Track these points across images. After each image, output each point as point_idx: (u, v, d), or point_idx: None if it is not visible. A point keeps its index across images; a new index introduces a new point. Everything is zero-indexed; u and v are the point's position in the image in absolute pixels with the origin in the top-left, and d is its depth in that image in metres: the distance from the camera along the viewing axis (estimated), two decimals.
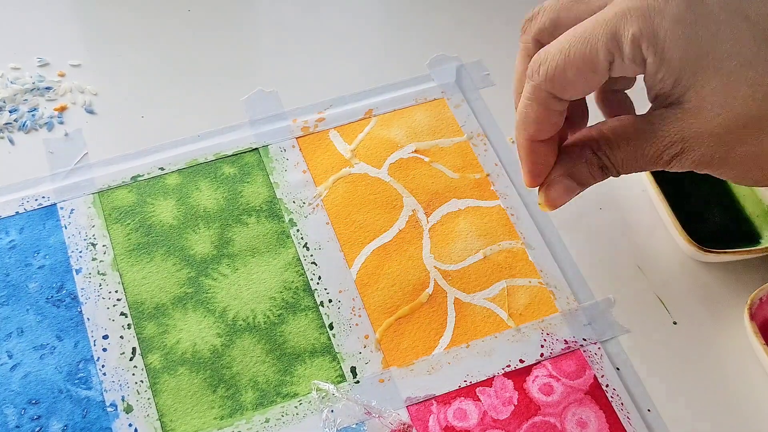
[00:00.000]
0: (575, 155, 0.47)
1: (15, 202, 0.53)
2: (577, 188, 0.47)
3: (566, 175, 0.47)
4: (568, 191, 0.47)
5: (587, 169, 0.46)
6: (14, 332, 0.48)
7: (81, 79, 0.59)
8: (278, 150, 0.56)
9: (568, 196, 0.47)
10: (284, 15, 0.63)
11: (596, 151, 0.46)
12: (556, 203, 0.47)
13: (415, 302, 0.50)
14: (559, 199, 0.47)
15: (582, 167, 0.46)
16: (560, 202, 0.47)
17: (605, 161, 0.46)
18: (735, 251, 0.51)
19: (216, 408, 0.47)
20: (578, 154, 0.46)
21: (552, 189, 0.47)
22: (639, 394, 0.48)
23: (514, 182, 0.55)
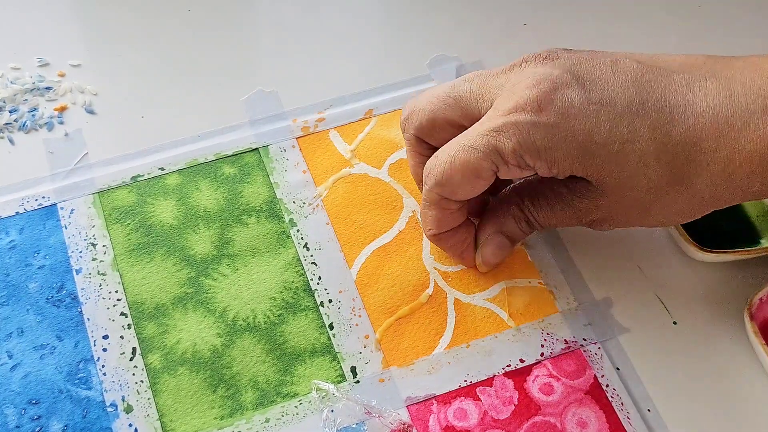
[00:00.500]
0: (502, 212, 0.50)
1: (15, 202, 0.53)
2: (508, 244, 0.50)
3: (497, 232, 0.50)
4: (501, 248, 0.50)
5: (515, 224, 0.50)
6: (14, 332, 0.49)
7: (81, 79, 0.59)
8: (278, 150, 0.56)
9: (502, 252, 0.50)
10: (284, 15, 0.63)
11: (521, 207, 0.49)
12: (491, 262, 0.51)
13: (415, 302, 0.50)
14: (493, 257, 0.51)
15: (510, 223, 0.50)
16: (495, 261, 0.51)
17: (529, 216, 0.49)
18: (735, 251, 0.51)
19: (216, 408, 0.47)
20: (505, 211, 0.50)
21: (486, 248, 0.50)
22: (639, 394, 0.48)
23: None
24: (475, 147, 0.45)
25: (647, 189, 0.45)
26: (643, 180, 0.45)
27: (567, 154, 0.44)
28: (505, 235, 0.50)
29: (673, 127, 0.44)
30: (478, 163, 0.45)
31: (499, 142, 0.44)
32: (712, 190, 0.45)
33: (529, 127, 0.44)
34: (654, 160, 0.44)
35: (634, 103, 0.44)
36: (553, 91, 0.44)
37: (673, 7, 0.65)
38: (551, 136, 0.44)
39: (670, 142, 0.44)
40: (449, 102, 0.48)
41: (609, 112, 0.44)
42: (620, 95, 0.44)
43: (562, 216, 0.48)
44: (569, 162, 0.44)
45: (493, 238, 0.50)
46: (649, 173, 0.44)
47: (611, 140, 0.44)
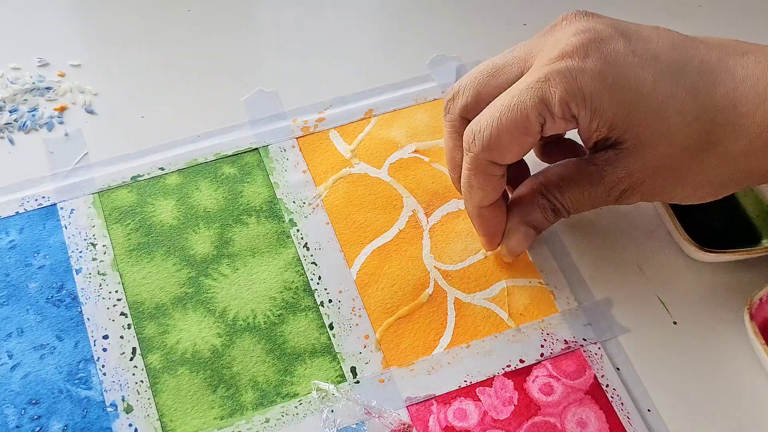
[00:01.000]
0: (527, 202, 0.49)
1: (15, 202, 0.53)
2: (533, 234, 0.50)
3: (522, 222, 0.50)
4: (526, 237, 0.50)
5: (541, 214, 0.49)
6: (14, 332, 0.49)
7: (81, 79, 0.59)
8: (278, 150, 0.56)
9: (527, 242, 0.50)
10: (284, 15, 0.63)
11: (546, 195, 0.49)
12: (516, 251, 0.51)
13: (415, 302, 0.50)
14: (518, 246, 0.51)
15: (536, 212, 0.49)
16: (520, 250, 0.51)
17: (556, 204, 0.49)
18: (735, 251, 0.51)
19: (216, 408, 0.47)
20: (530, 200, 0.49)
21: (512, 238, 0.50)
22: (639, 394, 0.48)
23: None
24: (521, 102, 0.44)
25: (683, 148, 0.44)
26: (681, 138, 0.44)
27: (611, 102, 0.44)
28: (530, 225, 0.49)
29: (715, 88, 0.44)
30: (525, 119, 0.44)
31: (546, 92, 0.44)
32: (746, 158, 0.44)
33: (576, 73, 0.43)
34: (693, 118, 0.44)
35: (678, 61, 0.44)
36: (598, 41, 0.44)
37: (673, 7, 0.65)
38: (597, 82, 0.43)
39: (711, 102, 0.44)
40: (493, 73, 0.47)
41: (654, 66, 0.44)
42: (664, 52, 0.44)
43: (591, 195, 0.47)
44: (612, 111, 0.44)
45: (519, 228, 0.49)
46: (687, 132, 0.44)
47: (655, 93, 0.44)
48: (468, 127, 0.46)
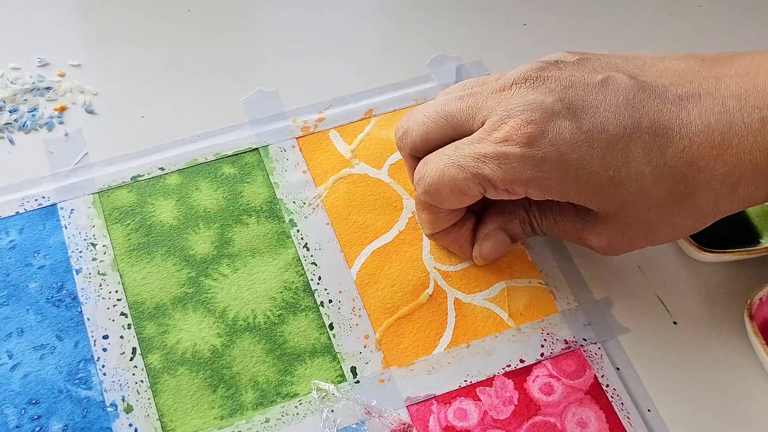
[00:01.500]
0: (509, 212, 0.50)
1: (15, 202, 0.53)
2: (508, 242, 0.51)
3: (500, 229, 0.50)
4: (502, 244, 0.51)
5: (519, 226, 0.50)
6: (14, 332, 0.49)
7: (81, 79, 0.59)
8: (278, 150, 0.56)
9: (501, 249, 0.51)
10: (284, 15, 0.63)
11: (528, 211, 0.50)
12: (490, 257, 0.51)
13: (415, 302, 0.50)
14: (492, 252, 0.51)
15: (515, 223, 0.50)
16: (493, 256, 0.51)
17: (534, 223, 0.50)
18: (735, 251, 0.51)
19: (216, 408, 0.47)
20: (511, 211, 0.50)
21: (486, 243, 0.51)
22: (639, 394, 0.48)
23: None
24: (463, 167, 0.45)
25: (648, 210, 0.45)
26: (643, 202, 0.44)
27: (561, 183, 0.44)
28: (507, 233, 0.50)
29: (669, 149, 0.43)
30: (465, 183, 0.45)
31: (487, 170, 0.45)
32: (714, 204, 0.44)
33: (517, 160, 0.44)
34: (651, 182, 0.44)
35: (627, 128, 0.44)
36: (543, 122, 0.44)
37: (673, 7, 0.65)
38: (541, 167, 0.44)
39: (666, 164, 0.43)
40: (440, 122, 0.48)
41: (601, 140, 0.44)
42: (612, 120, 0.44)
43: (564, 231, 0.48)
44: (564, 190, 0.45)
45: (495, 234, 0.50)
46: (648, 195, 0.44)
47: (605, 167, 0.44)
48: (417, 166, 0.48)
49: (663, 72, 0.46)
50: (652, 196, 0.44)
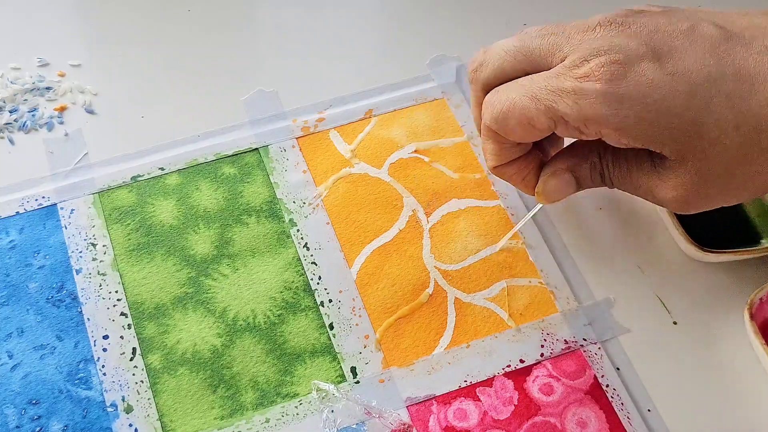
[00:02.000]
0: (581, 155, 0.48)
1: (15, 202, 0.53)
2: (575, 186, 0.49)
3: (568, 170, 0.49)
4: (567, 186, 0.49)
5: (589, 172, 0.48)
6: (14, 332, 0.49)
7: (81, 79, 0.59)
8: (278, 150, 0.56)
9: (565, 191, 0.49)
10: (284, 15, 0.63)
11: (601, 157, 0.48)
12: (552, 196, 0.49)
13: (415, 302, 0.50)
14: (555, 192, 0.49)
15: (585, 168, 0.48)
16: (556, 196, 0.49)
17: (604, 170, 0.48)
18: (735, 251, 0.51)
19: (216, 408, 0.47)
20: (584, 155, 0.48)
21: (551, 182, 0.49)
22: (639, 394, 0.48)
23: None
24: (537, 98, 0.44)
25: (728, 159, 0.44)
26: (723, 150, 0.43)
27: (638, 123, 0.43)
28: (575, 175, 0.49)
29: (753, 96, 0.43)
30: (536, 115, 0.44)
31: (562, 105, 0.43)
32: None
33: (596, 96, 0.43)
34: (733, 128, 0.43)
35: (711, 73, 0.43)
36: (627, 62, 0.43)
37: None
38: (620, 105, 0.43)
39: (750, 111, 0.43)
40: (519, 57, 0.46)
41: (685, 83, 0.43)
42: (697, 66, 0.43)
43: (637, 183, 0.47)
44: (641, 132, 0.43)
45: (563, 174, 0.49)
46: (728, 143, 0.43)
47: (687, 110, 0.43)
48: (488, 96, 0.47)
49: (749, 25, 0.45)
50: (732, 144, 0.43)
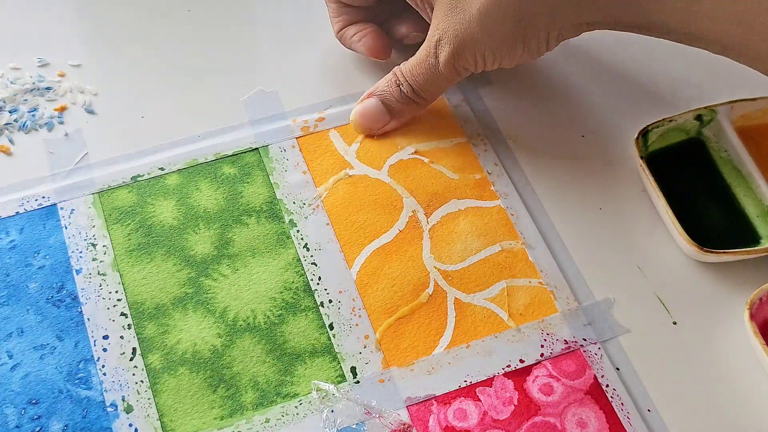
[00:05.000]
0: (383, 79, 0.55)
1: (15, 202, 0.53)
2: (381, 107, 0.54)
3: (371, 94, 0.55)
4: (374, 109, 0.55)
5: (386, 84, 0.54)
6: (14, 332, 0.49)
7: (81, 79, 0.59)
8: (278, 150, 0.56)
9: (375, 114, 0.55)
10: (284, 15, 0.63)
11: (395, 71, 0.54)
12: (364, 122, 0.55)
13: (415, 302, 0.50)
14: (365, 116, 0.55)
15: (383, 84, 0.54)
16: (368, 122, 0.55)
17: (398, 75, 0.54)
18: (735, 251, 0.51)
19: (216, 408, 0.47)
20: (385, 78, 0.55)
21: (358, 105, 0.55)
22: (639, 394, 0.48)
23: (514, 182, 0.55)
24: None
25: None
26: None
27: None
28: (378, 97, 0.54)
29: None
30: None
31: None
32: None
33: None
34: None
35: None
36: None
37: None
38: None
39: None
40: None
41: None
42: None
43: (418, 59, 0.52)
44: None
45: (367, 98, 0.55)
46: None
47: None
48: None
49: None
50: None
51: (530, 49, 0.50)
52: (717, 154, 0.56)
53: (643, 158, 0.53)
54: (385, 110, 0.55)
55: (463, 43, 0.50)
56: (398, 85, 0.54)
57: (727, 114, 0.55)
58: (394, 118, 0.55)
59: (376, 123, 0.55)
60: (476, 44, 0.50)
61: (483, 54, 0.51)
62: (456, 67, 0.52)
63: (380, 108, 0.55)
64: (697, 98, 0.58)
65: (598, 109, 0.59)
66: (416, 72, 0.53)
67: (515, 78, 0.60)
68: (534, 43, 0.50)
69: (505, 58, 0.51)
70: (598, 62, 0.61)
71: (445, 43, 0.51)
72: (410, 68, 0.53)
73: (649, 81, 0.60)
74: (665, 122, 0.55)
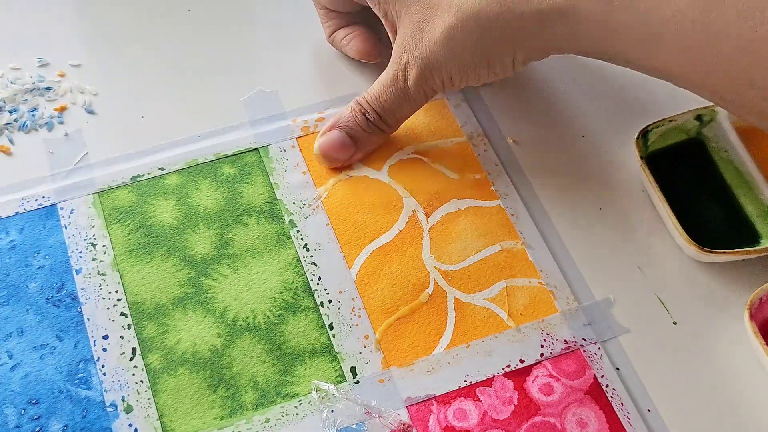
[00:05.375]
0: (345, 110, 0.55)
1: (15, 202, 0.53)
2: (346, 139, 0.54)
3: (335, 126, 0.54)
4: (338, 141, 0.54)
5: (350, 114, 0.54)
6: (14, 332, 0.49)
7: (81, 79, 0.59)
8: (278, 150, 0.56)
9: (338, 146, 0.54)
10: (284, 15, 0.63)
11: (358, 100, 0.54)
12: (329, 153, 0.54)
13: (415, 302, 0.50)
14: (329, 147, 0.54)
15: (346, 113, 0.54)
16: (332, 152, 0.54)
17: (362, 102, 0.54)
18: (735, 251, 0.51)
19: (216, 408, 0.47)
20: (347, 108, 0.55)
21: (321, 138, 0.55)
22: (639, 394, 0.48)
23: (514, 182, 0.55)
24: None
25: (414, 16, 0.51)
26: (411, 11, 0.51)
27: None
28: (341, 128, 0.54)
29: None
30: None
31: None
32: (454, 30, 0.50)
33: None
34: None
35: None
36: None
37: None
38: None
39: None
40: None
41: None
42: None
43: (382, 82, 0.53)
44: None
45: (330, 131, 0.54)
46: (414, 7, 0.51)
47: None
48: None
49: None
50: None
51: (495, 71, 0.51)
52: (717, 154, 0.56)
53: (643, 158, 0.53)
54: (350, 141, 0.54)
55: (429, 65, 0.51)
56: (363, 113, 0.54)
57: (727, 114, 0.55)
58: (359, 149, 0.55)
59: (341, 154, 0.54)
60: (442, 67, 0.51)
61: (450, 75, 0.51)
62: (425, 89, 0.52)
63: (345, 139, 0.54)
64: (697, 98, 0.58)
65: (598, 109, 0.59)
66: (383, 98, 0.53)
67: (515, 78, 0.60)
68: (499, 65, 0.51)
69: (471, 79, 0.52)
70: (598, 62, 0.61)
71: (413, 65, 0.51)
72: (376, 95, 0.53)
73: (649, 81, 0.60)
74: (665, 122, 0.55)
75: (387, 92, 0.53)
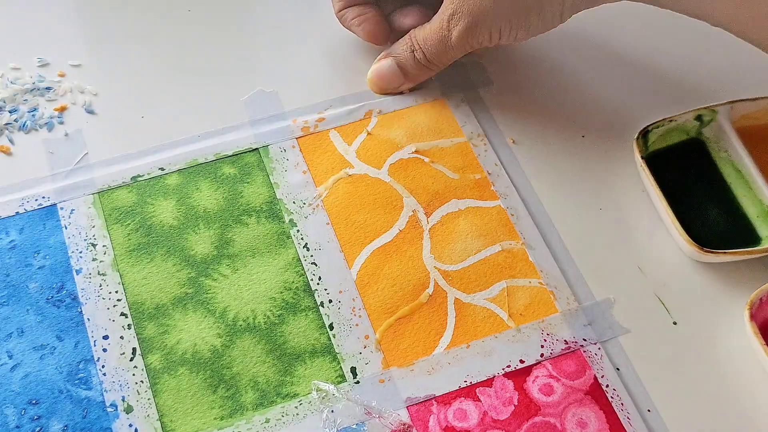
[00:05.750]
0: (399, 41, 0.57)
1: (15, 202, 0.53)
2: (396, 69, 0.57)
3: (387, 54, 0.57)
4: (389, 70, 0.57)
5: (401, 47, 0.56)
6: (14, 332, 0.49)
7: (81, 79, 0.59)
8: (278, 150, 0.56)
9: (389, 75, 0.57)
10: (284, 15, 0.63)
11: (410, 35, 0.56)
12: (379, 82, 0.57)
13: (415, 302, 0.50)
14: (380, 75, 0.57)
15: (399, 48, 0.56)
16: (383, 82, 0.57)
17: (413, 41, 0.55)
18: (735, 251, 0.51)
19: (216, 408, 0.47)
20: (401, 40, 0.57)
21: (375, 65, 0.57)
22: (639, 394, 0.48)
23: (514, 182, 0.55)
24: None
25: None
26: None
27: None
28: (393, 57, 0.56)
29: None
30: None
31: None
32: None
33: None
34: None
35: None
36: None
37: None
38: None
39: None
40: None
41: None
42: None
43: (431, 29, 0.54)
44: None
45: (383, 59, 0.57)
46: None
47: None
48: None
49: None
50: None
51: (545, 19, 0.51)
52: (717, 154, 0.56)
53: (643, 158, 0.53)
54: (399, 72, 0.57)
55: (477, 18, 0.51)
56: (412, 51, 0.56)
57: (727, 114, 0.55)
58: (408, 80, 0.57)
59: (390, 84, 0.57)
60: (491, 18, 0.51)
61: (498, 27, 0.52)
62: (470, 42, 0.53)
63: (395, 70, 0.57)
64: (697, 98, 0.58)
65: (598, 109, 0.59)
66: (429, 42, 0.55)
67: (515, 78, 0.60)
68: (549, 12, 0.51)
69: (520, 30, 0.52)
70: (598, 62, 0.61)
71: (459, 18, 0.52)
72: (424, 37, 0.55)
73: (649, 81, 0.60)
74: (665, 122, 0.55)
75: (432, 38, 0.54)
